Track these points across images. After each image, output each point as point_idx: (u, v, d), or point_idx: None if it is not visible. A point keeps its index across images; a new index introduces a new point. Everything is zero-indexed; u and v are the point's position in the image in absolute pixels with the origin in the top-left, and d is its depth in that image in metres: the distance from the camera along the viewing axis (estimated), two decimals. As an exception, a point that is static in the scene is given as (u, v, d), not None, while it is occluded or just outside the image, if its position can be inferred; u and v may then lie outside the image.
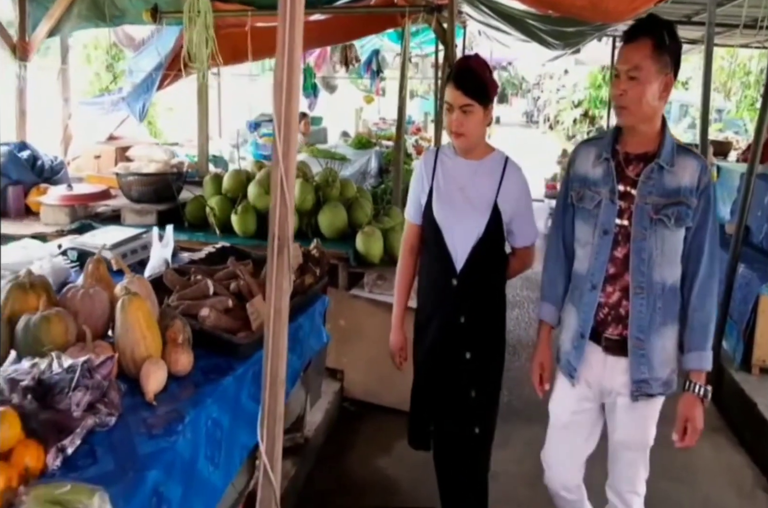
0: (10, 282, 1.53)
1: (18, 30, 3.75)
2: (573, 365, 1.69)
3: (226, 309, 1.78)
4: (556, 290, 1.76)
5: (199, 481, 1.40)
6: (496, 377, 1.90)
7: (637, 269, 1.57)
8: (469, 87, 1.71)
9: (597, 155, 1.64)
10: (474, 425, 1.85)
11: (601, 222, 1.60)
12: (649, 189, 1.55)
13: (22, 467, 1.11)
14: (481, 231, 1.76)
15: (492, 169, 1.80)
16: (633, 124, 1.56)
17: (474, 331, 1.82)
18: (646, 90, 1.49)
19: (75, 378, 1.27)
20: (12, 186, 3.07)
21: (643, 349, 1.59)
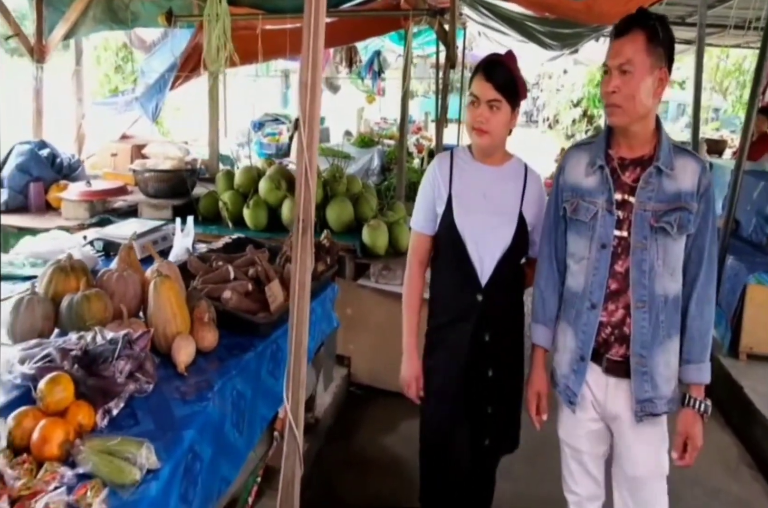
0: (52, 266, 1.67)
1: (35, 33, 3.89)
2: (573, 390, 1.57)
3: (246, 292, 1.92)
4: (549, 311, 1.64)
5: (227, 444, 1.55)
6: (514, 393, 1.76)
7: (638, 283, 1.45)
8: (500, 81, 1.57)
9: (590, 162, 1.51)
10: (484, 437, 1.75)
11: (599, 235, 1.48)
12: (648, 195, 1.44)
13: (76, 424, 1.25)
14: (508, 242, 1.64)
15: (514, 176, 1.69)
16: (626, 124, 1.43)
17: (498, 348, 1.70)
18: (640, 86, 1.38)
19: (117, 349, 1.42)
20: (33, 182, 3.21)
21: (645, 366, 1.48)
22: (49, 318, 1.56)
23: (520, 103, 1.62)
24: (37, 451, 1.18)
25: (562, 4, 3.44)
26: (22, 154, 3.25)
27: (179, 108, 7.25)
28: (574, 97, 16.59)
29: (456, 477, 1.79)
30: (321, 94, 1.28)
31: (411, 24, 3.91)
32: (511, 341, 1.74)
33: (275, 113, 7.96)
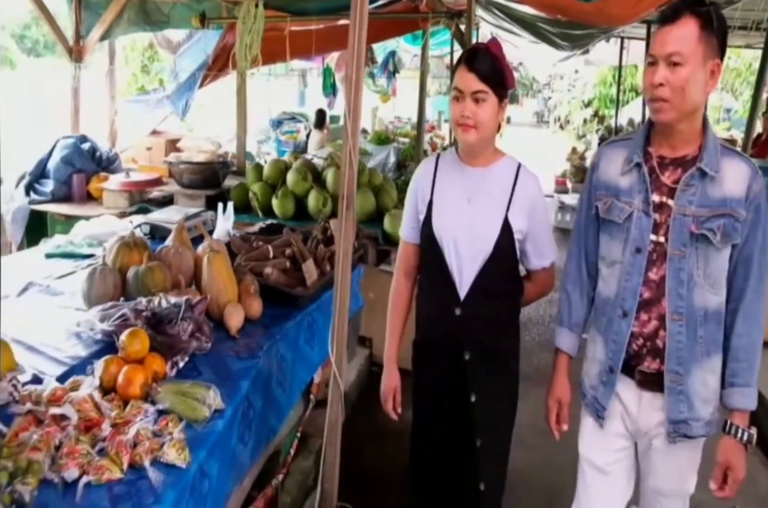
0: (117, 242, 1.88)
1: (74, 34, 4.13)
2: (601, 404, 1.46)
3: (284, 269, 2.12)
4: (575, 315, 1.53)
5: (273, 398, 1.75)
6: (506, 424, 1.62)
7: (674, 293, 1.34)
8: (484, 70, 1.44)
9: (626, 160, 1.39)
10: (479, 480, 1.58)
11: (633, 238, 1.37)
12: (689, 198, 1.32)
13: (152, 371, 1.46)
14: (489, 251, 1.49)
15: (502, 177, 1.54)
16: (673, 120, 1.30)
17: (481, 369, 1.54)
18: (691, 78, 1.25)
19: (180, 311, 1.63)
20: (76, 174, 3.44)
21: (681, 384, 1.36)
22: (118, 286, 1.77)
23: (508, 94, 1.49)
24: (122, 391, 1.39)
25: (573, 6, 3.61)
26: (66, 148, 3.47)
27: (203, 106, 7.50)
28: (585, 98, 16.69)
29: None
30: (362, 86, 1.47)
31: (430, 26, 4.12)
32: (497, 363, 1.56)
33: (292, 112, 8.17)
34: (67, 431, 1.22)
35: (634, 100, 12.45)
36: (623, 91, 10.93)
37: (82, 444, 1.20)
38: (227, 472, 1.43)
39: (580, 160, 8.61)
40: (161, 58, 6.74)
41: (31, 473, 1.10)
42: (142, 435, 1.26)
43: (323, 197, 3.20)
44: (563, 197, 6.91)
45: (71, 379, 1.39)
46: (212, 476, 1.34)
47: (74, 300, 1.82)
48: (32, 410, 1.26)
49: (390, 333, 1.69)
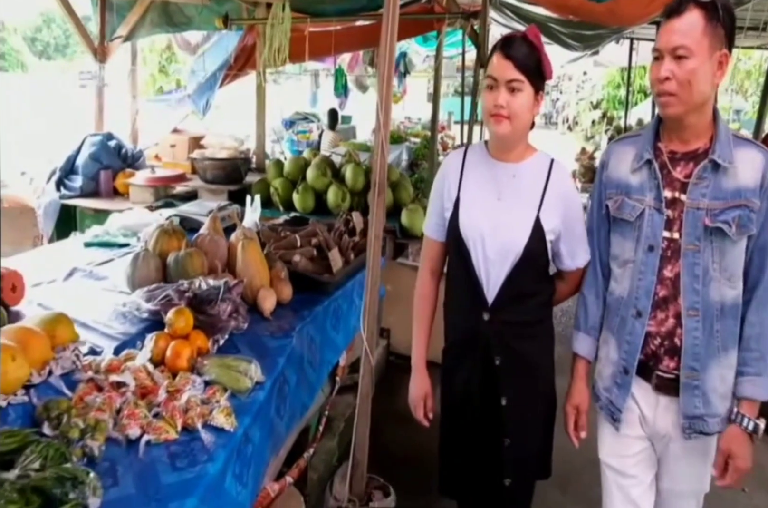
0: (157, 229, 1.99)
1: (99, 35, 4.26)
2: (616, 406, 1.44)
3: (310, 257, 2.23)
4: (591, 319, 1.50)
5: (304, 376, 1.85)
6: (538, 425, 1.57)
7: (689, 288, 1.31)
8: (521, 58, 1.36)
9: (636, 156, 1.37)
10: (504, 476, 1.55)
11: (646, 236, 1.35)
12: (702, 191, 1.30)
13: (196, 346, 1.57)
14: (518, 253, 1.41)
15: (534, 174, 1.45)
16: (681, 114, 1.28)
17: (512, 374, 1.49)
18: (698, 71, 1.23)
19: (220, 293, 1.74)
20: (103, 170, 3.56)
21: (697, 380, 1.34)
22: (159, 270, 1.88)
23: (545, 85, 1.42)
24: (171, 364, 1.50)
25: (585, 7, 3.70)
26: (94, 145, 3.60)
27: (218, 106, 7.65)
28: (593, 99, 16.74)
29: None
30: (392, 80, 1.58)
31: (445, 27, 4.22)
32: (530, 367, 1.51)
33: (305, 112, 8.29)
34: (126, 397, 1.33)
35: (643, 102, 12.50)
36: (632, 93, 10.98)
37: (140, 408, 1.31)
38: (266, 440, 1.53)
39: (589, 160, 8.68)
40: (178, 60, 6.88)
41: (98, 431, 1.21)
42: (192, 402, 1.36)
43: (342, 192, 3.31)
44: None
45: (124, 352, 1.51)
46: (255, 442, 1.45)
47: (117, 284, 1.93)
48: (93, 377, 1.37)
49: (416, 336, 1.63)
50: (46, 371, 1.31)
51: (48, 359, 1.32)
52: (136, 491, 1.14)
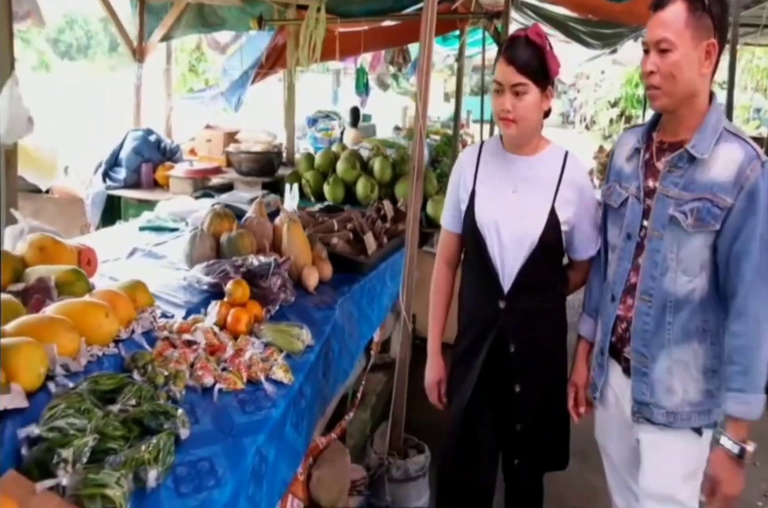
0: (210, 212, 2.18)
1: (137, 36, 4.48)
2: (596, 385, 1.51)
3: (347, 240, 2.41)
4: (593, 301, 1.55)
5: (346, 346, 2.03)
6: (550, 411, 1.59)
7: (647, 274, 1.34)
8: (523, 61, 1.39)
9: (633, 145, 1.41)
10: (514, 456, 1.63)
11: (626, 224, 1.38)
12: (675, 180, 1.30)
13: (253, 313, 1.74)
14: (534, 242, 1.46)
15: (548, 166, 1.49)
16: (668, 107, 1.29)
17: (527, 361, 1.54)
18: (682, 63, 1.23)
19: (270, 268, 1.92)
20: (145, 163, 3.78)
21: (646, 367, 1.37)
22: (213, 249, 2.07)
23: (554, 78, 1.45)
24: (231, 328, 1.68)
25: (605, 6, 3.84)
26: (136, 140, 3.81)
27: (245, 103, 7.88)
28: (611, 98, 16.74)
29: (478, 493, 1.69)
30: (430, 74, 1.74)
31: (468, 26, 4.38)
32: (544, 355, 1.56)
33: (326, 110, 8.47)
34: (198, 353, 1.51)
35: (661, 100, 12.52)
36: (650, 91, 11.01)
37: (210, 363, 1.49)
38: (316, 398, 1.71)
39: (606, 158, 8.76)
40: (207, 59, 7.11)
41: (178, 379, 1.39)
42: (254, 359, 1.54)
43: (371, 184, 3.48)
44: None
45: (191, 317, 1.69)
46: (307, 397, 1.63)
47: (173, 261, 2.13)
48: (168, 336, 1.55)
49: (432, 324, 1.68)
50: (130, 329, 1.49)
51: (131, 319, 1.51)
52: (214, 428, 1.32)
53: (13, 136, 1.96)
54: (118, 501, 1.03)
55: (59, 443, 1.08)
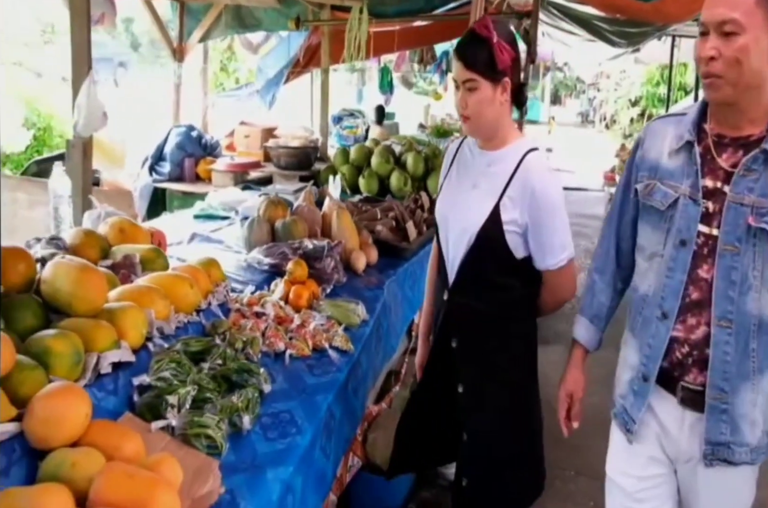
0: (265, 200, 2.34)
1: (177, 36, 4.68)
2: (630, 416, 1.28)
3: (390, 228, 2.55)
4: (597, 306, 1.38)
5: (391, 324, 2.18)
6: (502, 433, 1.47)
7: (723, 295, 1.15)
8: (469, 57, 1.35)
9: (676, 137, 1.21)
10: (461, 475, 1.49)
11: (678, 228, 1.19)
12: (749, 185, 1.12)
13: (311, 291, 1.90)
14: (472, 238, 1.40)
15: (506, 162, 1.41)
16: (730, 98, 1.10)
17: (469, 362, 1.46)
18: (751, 48, 1.04)
19: (324, 251, 2.07)
20: (187, 158, 3.96)
21: (726, 403, 1.17)
22: (269, 233, 2.23)
23: (507, 71, 1.35)
24: (293, 303, 1.83)
25: (633, 6, 3.94)
26: (179, 135, 4.00)
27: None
28: (632, 97, 16.70)
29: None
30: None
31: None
32: (489, 365, 1.46)
33: (351, 109, 8.64)
34: (268, 323, 1.67)
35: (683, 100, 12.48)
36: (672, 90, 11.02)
37: (279, 332, 1.65)
38: (369, 369, 1.86)
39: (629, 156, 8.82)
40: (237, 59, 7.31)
41: (254, 344, 1.55)
42: (317, 330, 1.70)
43: (404, 177, 3.62)
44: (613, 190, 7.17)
45: (257, 293, 1.85)
46: (363, 367, 1.78)
47: (230, 245, 2.29)
48: (239, 308, 1.71)
49: (424, 309, 1.68)
50: (208, 300, 1.65)
51: (209, 291, 1.67)
52: (289, 386, 1.48)
53: (90, 129, 2.14)
54: (219, 441, 1.19)
55: (166, 391, 1.25)
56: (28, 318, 1.25)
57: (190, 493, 1.06)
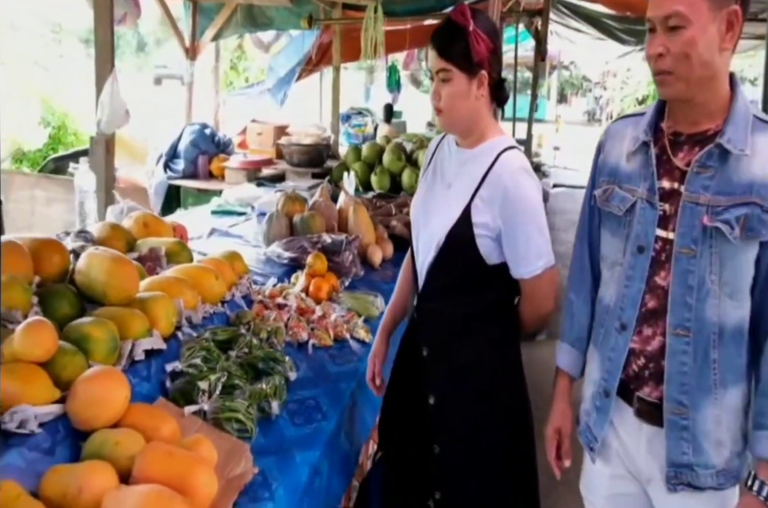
0: (283, 196, 2.39)
1: (190, 35, 4.73)
2: (593, 433, 1.21)
3: (405, 223, 2.59)
4: (577, 327, 1.28)
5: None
6: (472, 434, 1.36)
7: (679, 302, 1.07)
8: (444, 45, 1.26)
9: (633, 138, 1.14)
10: (434, 488, 1.38)
11: (636, 234, 1.12)
12: (705, 183, 1.05)
13: (330, 283, 1.94)
14: (441, 241, 1.30)
15: (481, 161, 1.30)
16: (685, 94, 1.05)
17: (440, 372, 1.36)
18: (698, 41, 0.99)
19: (343, 245, 2.11)
20: (201, 155, 4.01)
21: (686, 418, 1.09)
22: (288, 227, 2.27)
23: (485, 63, 1.25)
24: (314, 295, 1.88)
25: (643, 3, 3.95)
26: (193, 133, 4.05)
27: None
28: (639, 95, 16.68)
29: None
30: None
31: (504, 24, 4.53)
32: (463, 378, 1.35)
33: (359, 107, 8.68)
34: (290, 314, 1.71)
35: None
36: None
37: (302, 322, 1.69)
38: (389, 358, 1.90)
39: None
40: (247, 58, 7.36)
41: (278, 334, 1.59)
42: (338, 321, 1.74)
43: (416, 174, 3.65)
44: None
45: (278, 285, 1.89)
46: (382, 357, 1.81)
47: (249, 240, 2.34)
48: (262, 300, 1.75)
49: (389, 304, 1.61)
50: (232, 292, 1.69)
51: (233, 283, 1.71)
52: (313, 375, 1.52)
53: (113, 126, 2.18)
54: (249, 425, 1.24)
55: (198, 377, 1.29)
56: (65, 307, 1.29)
57: (224, 473, 1.10)
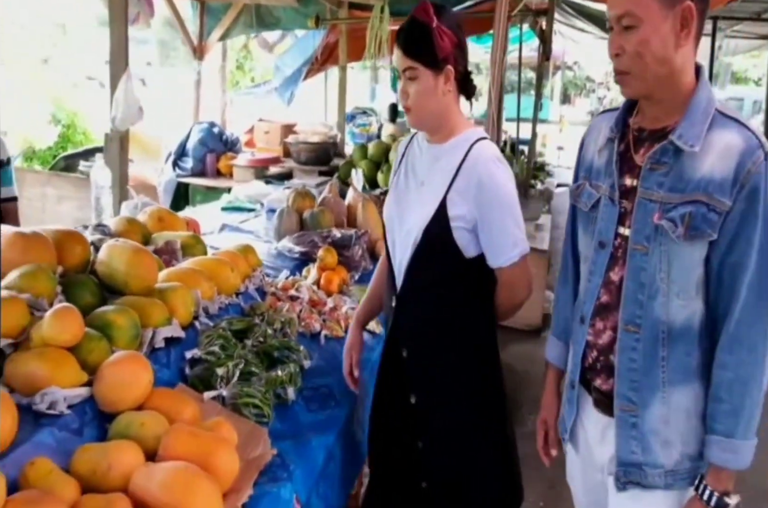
0: (293, 192, 2.43)
1: (198, 35, 4.78)
2: (565, 423, 1.25)
3: (412, 220, 2.63)
4: (562, 321, 1.29)
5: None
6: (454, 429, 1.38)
7: (631, 298, 1.08)
8: (408, 43, 1.27)
9: (604, 134, 1.15)
10: (421, 479, 1.40)
11: (599, 230, 1.13)
12: (659, 180, 1.05)
13: (341, 277, 1.98)
14: (418, 237, 1.30)
15: (454, 155, 1.31)
16: (644, 92, 1.06)
17: (420, 370, 1.38)
18: (651, 39, 1.00)
19: (353, 239, 2.15)
20: (209, 153, 4.07)
21: (636, 416, 1.09)
22: (298, 223, 2.31)
23: (450, 59, 1.26)
24: (325, 288, 1.92)
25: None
26: (201, 131, 4.11)
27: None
28: (642, 95, 16.67)
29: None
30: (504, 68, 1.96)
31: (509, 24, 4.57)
32: (440, 368, 1.37)
33: (364, 107, 8.73)
34: (303, 306, 1.75)
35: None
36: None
37: (314, 314, 1.73)
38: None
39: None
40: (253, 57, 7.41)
41: (292, 325, 1.63)
42: (349, 313, 1.78)
43: (422, 172, 3.71)
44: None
45: (290, 278, 1.93)
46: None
47: (260, 235, 2.38)
48: (275, 292, 1.79)
49: (363, 299, 1.60)
50: (246, 284, 1.74)
51: (247, 275, 1.75)
52: (326, 364, 1.56)
53: (126, 123, 2.23)
54: (266, 411, 1.28)
55: (216, 364, 1.33)
56: (87, 296, 1.34)
57: (244, 455, 1.14)
